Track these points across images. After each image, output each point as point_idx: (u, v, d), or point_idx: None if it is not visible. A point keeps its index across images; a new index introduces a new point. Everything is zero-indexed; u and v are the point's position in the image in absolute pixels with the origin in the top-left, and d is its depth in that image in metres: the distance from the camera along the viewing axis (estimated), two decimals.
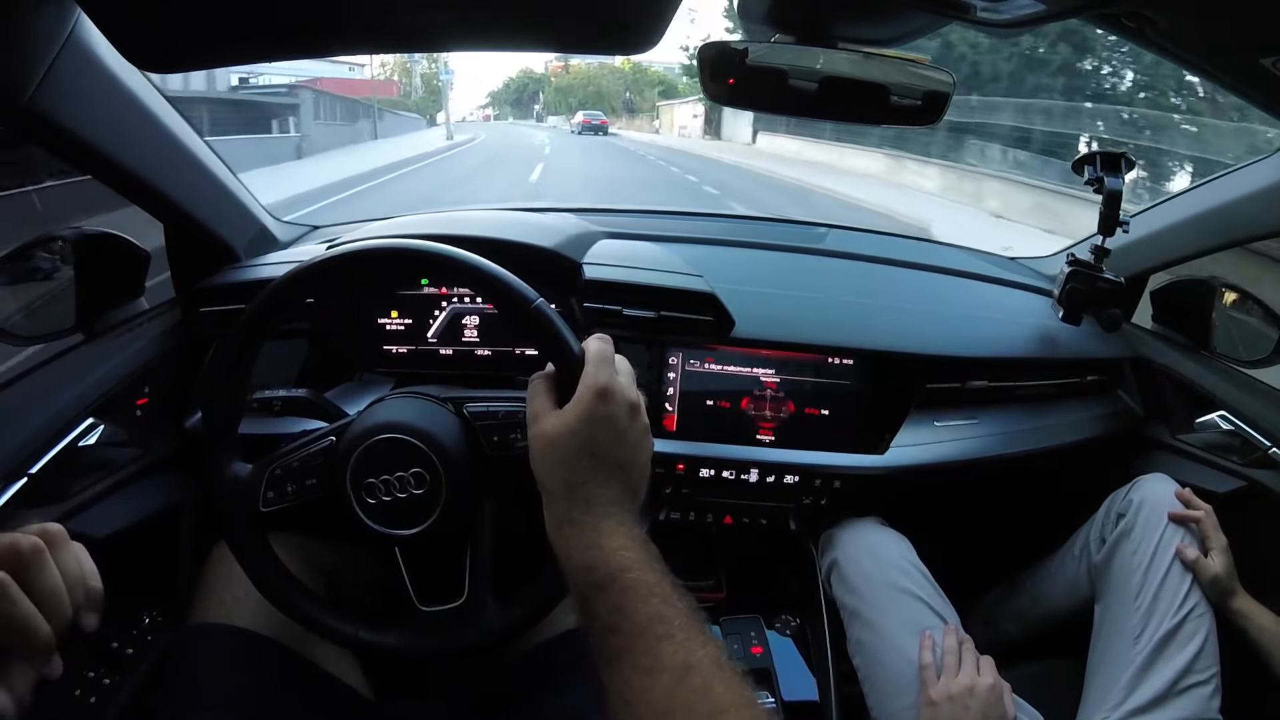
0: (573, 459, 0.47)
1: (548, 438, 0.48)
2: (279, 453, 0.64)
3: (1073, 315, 1.03)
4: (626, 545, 0.44)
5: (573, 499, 0.47)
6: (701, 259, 1.01)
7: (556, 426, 0.48)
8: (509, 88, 68.24)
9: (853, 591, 0.89)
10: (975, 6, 0.61)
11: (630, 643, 0.40)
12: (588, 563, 0.44)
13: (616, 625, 0.41)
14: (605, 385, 0.48)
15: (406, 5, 0.54)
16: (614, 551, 0.44)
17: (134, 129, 0.77)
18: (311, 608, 0.64)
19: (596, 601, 0.42)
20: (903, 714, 0.78)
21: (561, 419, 0.48)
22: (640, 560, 0.43)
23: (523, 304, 0.55)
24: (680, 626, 0.40)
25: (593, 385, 0.48)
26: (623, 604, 0.42)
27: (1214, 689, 0.78)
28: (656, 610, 0.41)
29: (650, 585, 0.42)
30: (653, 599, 0.42)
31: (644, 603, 0.41)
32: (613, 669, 0.41)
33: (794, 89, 0.75)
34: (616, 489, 0.47)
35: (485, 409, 0.64)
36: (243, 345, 0.61)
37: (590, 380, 0.49)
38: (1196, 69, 0.67)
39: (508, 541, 0.67)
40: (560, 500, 0.47)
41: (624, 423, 0.49)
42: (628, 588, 0.42)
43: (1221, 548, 0.83)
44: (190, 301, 0.90)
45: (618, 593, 0.42)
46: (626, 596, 0.42)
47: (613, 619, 0.41)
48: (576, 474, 0.47)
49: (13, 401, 0.73)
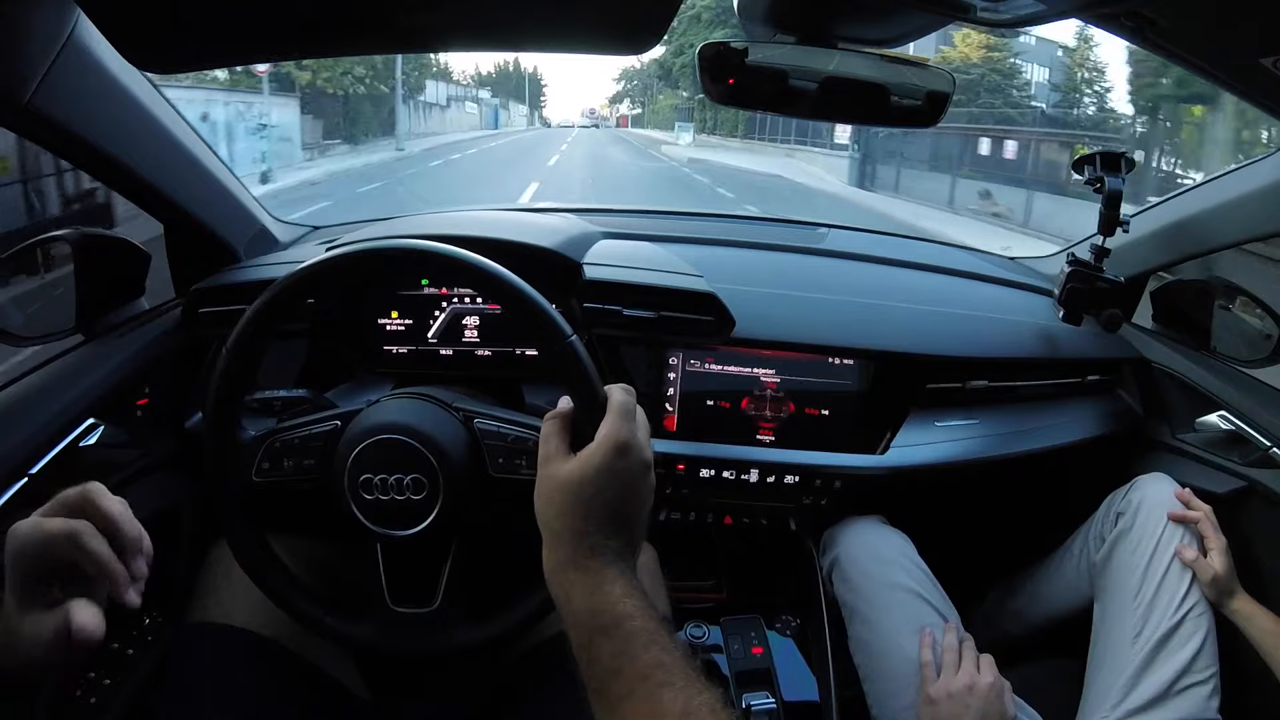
0: (584, 508, 0.48)
1: (560, 483, 0.49)
2: (281, 426, 0.64)
3: (1073, 315, 1.03)
4: (629, 593, 0.45)
5: (578, 545, 0.47)
6: (702, 259, 1.01)
7: (571, 474, 0.49)
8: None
9: (854, 590, 0.89)
10: (975, 6, 0.61)
11: (633, 688, 0.42)
12: (591, 608, 0.45)
13: (619, 670, 0.42)
14: (626, 441, 0.49)
15: (406, 5, 0.54)
16: (618, 599, 0.45)
17: (134, 129, 0.77)
18: (285, 586, 0.63)
19: (599, 646, 0.44)
20: (904, 713, 0.78)
21: (578, 467, 0.49)
22: (642, 608, 0.45)
23: (558, 338, 0.55)
24: (680, 674, 0.42)
25: (614, 439, 0.49)
26: (626, 649, 0.43)
27: (1213, 689, 0.77)
28: (657, 657, 0.42)
29: (651, 633, 0.43)
30: (654, 646, 0.43)
31: (645, 650, 0.43)
32: (613, 712, 0.42)
33: (794, 89, 0.75)
34: (621, 541, 0.48)
35: (495, 428, 0.64)
36: (256, 334, 0.61)
37: (612, 433, 0.49)
38: (1196, 69, 0.67)
39: (491, 559, 0.67)
40: (565, 545, 0.48)
41: (637, 480, 0.50)
42: (631, 634, 0.43)
43: (1221, 548, 0.83)
44: (190, 302, 0.90)
45: (621, 638, 0.43)
46: (630, 643, 0.43)
47: (615, 664, 0.43)
48: (585, 522, 0.48)
49: (13, 401, 0.73)
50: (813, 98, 0.76)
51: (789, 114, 0.80)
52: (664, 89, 40.61)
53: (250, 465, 0.62)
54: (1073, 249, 1.11)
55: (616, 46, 0.61)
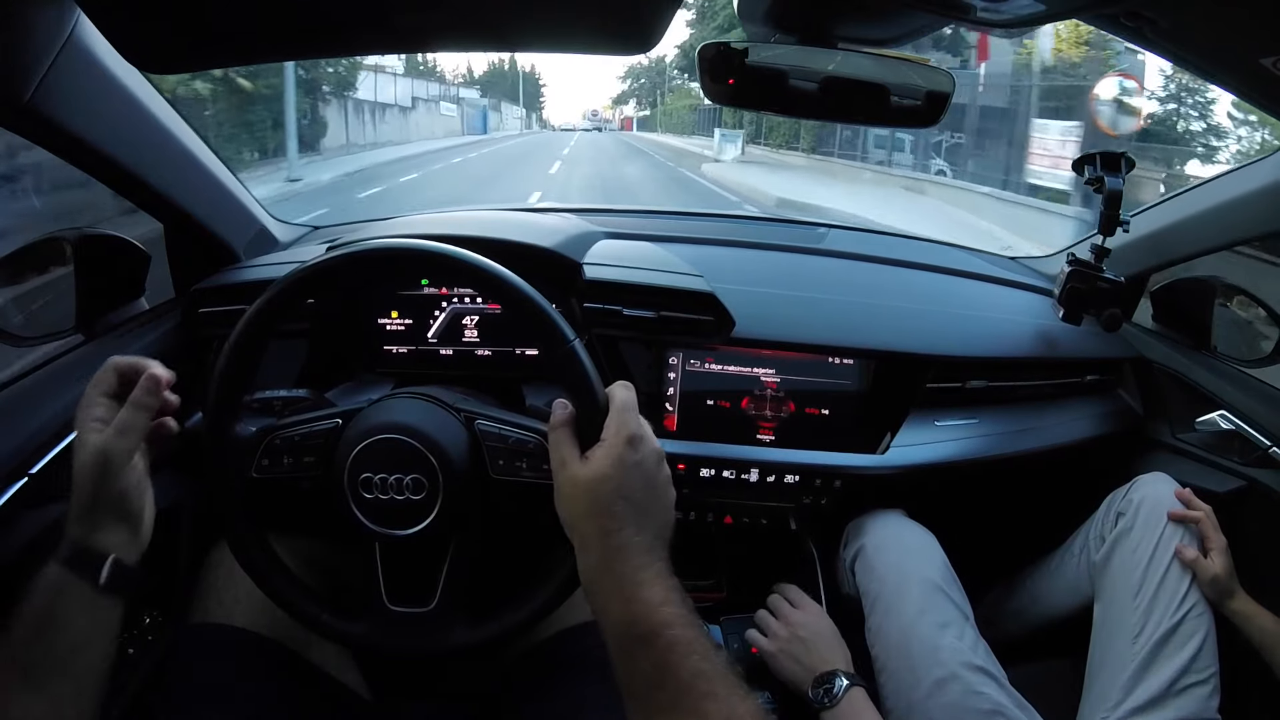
0: (607, 504, 0.48)
1: (580, 483, 0.49)
2: (282, 422, 0.64)
3: (1073, 315, 1.03)
4: (667, 599, 0.45)
5: (607, 545, 0.47)
6: (702, 259, 1.01)
7: (589, 472, 0.49)
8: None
9: (879, 579, 0.89)
10: (975, 6, 0.61)
11: (676, 699, 0.42)
12: (629, 617, 0.45)
13: (661, 682, 0.43)
14: (636, 433, 0.50)
15: (406, 5, 0.54)
16: (656, 607, 0.45)
17: (134, 129, 0.77)
18: (283, 584, 0.63)
19: (640, 656, 0.44)
20: (922, 702, 0.78)
21: (594, 465, 0.49)
22: (681, 616, 0.45)
23: (560, 342, 0.55)
24: (721, 683, 0.42)
25: (624, 432, 0.50)
26: (667, 660, 0.43)
27: (1213, 689, 0.78)
28: (698, 667, 0.42)
29: (691, 642, 0.43)
30: (694, 655, 0.43)
31: (686, 659, 0.43)
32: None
33: (794, 89, 0.75)
34: (649, 536, 0.48)
35: (496, 430, 0.64)
36: (257, 334, 0.61)
37: (622, 427, 0.50)
38: (1196, 69, 0.67)
39: (489, 560, 0.67)
40: (594, 548, 0.48)
41: (653, 470, 0.50)
42: (672, 644, 0.43)
43: (1221, 548, 0.83)
44: (190, 302, 0.90)
45: (662, 649, 0.43)
46: (671, 653, 0.43)
47: (657, 675, 0.43)
48: (611, 519, 0.48)
49: (13, 402, 0.73)
50: (813, 98, 0.76)
51: (789, 114, 0.81)
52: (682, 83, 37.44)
53: (250, 461, 0.62)
54: (1073, 249, 1.11)
55: (616, 46, 0.61)
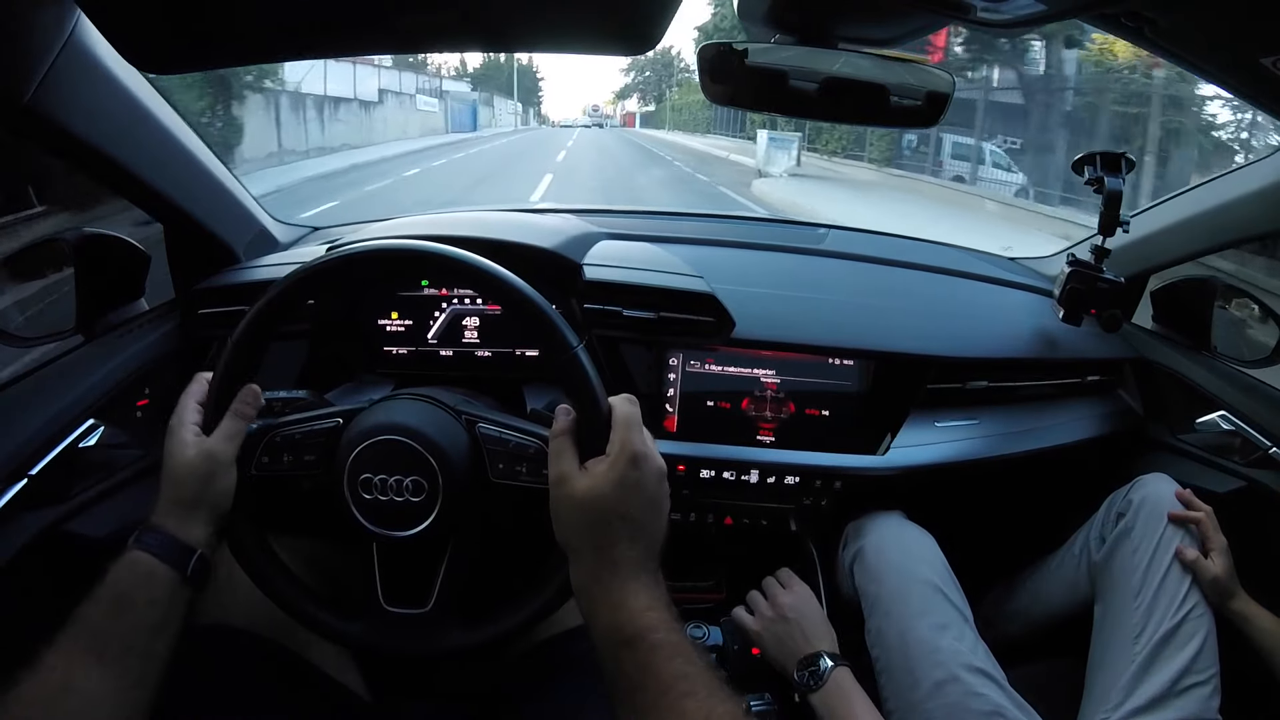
0: (604, 521, 0.49)
1: (578, 502, 0.50)
2: (282, 420, 0.64)
3: (1073, 315, 1.03)
4: (652, 606, 0.46)
5: (601, 560, 0.48)
6: (702, 259, 1.01)
7: (589, 489, 0.49)
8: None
9: (878, 580, 0.88)
10: (975, 6, 0.61)
11: (656, 699, 0.43)
12: (615, 623, 0.46)
13: (643, 683, 0.44)
14: (639, 451, 0.50)
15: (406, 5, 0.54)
16: (641, 612, 0.46)
17: (134, 129, 0.77)
18: (282, 583, 0.63)
19: (624, 659, 0.45)
20: (922, 704, 0.78)
21: (594, 481, 0.50)
22: (665, 621, 0.46)
23: (563, 348, 0.55)
24: (703, 684, 0.43)
25: (628, 450, 0.50)
26: (650, 662, 0.44)
27: (1213, 689, 0.77)
28: (680, 669, 0.43)
29: (674, 645, 0.45)
30: (677, 658, 0.44)
31: (669, 662, 0.44)
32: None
33: (794, 90, 0.75)
34: (641, 550, 0.49)
35: (497, 434, 0.64)
36: (257, 334, 0.61)
37: (625, 445, 0.50)
38: (1196, 69, 0.67)
39: (487, 563, 0.67)
40: (587, 561, 0.49)
41: (654, 490, 0.51)
42: (655, 647, 0.44)
43: (1221, 549, 0.83)
44: (190, 303, 0.90)
45: (645, 651, 0.44)
46: (654, 655, 0.44)
47: (639, 676, 0.44)
48: (607, 536, 0.48)
49: (13, 402, 0.73)
50: (812, 98, 0.76)
51: (789, 114, 0.81)
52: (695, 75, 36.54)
53: (250, 459, 0.62)
54: (1073, 249, 1.11)
55: (617, 46, 0.61)
